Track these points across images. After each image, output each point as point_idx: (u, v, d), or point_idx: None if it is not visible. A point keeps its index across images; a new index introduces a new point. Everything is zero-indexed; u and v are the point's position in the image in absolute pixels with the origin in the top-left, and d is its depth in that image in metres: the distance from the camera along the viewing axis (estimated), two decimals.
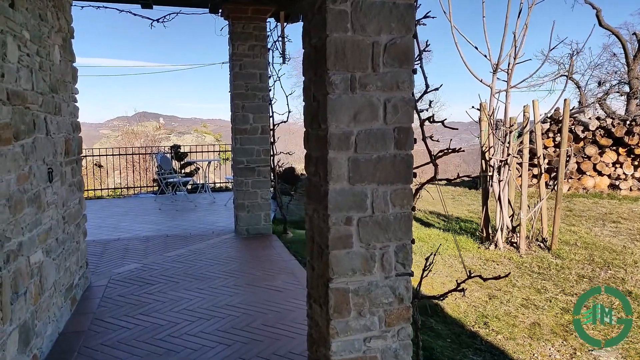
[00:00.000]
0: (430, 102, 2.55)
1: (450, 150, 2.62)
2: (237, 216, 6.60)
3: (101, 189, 12.21)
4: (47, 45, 3.49)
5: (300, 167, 10.12)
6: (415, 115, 2.45)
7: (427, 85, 2.68)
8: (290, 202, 8.27)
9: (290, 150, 8.01)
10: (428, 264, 2.61)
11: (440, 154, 2.53)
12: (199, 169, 13.04)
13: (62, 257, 3.64)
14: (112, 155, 12.45)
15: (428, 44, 2.68)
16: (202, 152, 13.41)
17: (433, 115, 2.42)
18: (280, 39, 7.10)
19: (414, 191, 2.46)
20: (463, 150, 2.61)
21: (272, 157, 6.87)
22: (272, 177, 6.90)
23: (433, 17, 2.43)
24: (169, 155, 11.41)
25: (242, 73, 6.37)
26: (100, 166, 14.45)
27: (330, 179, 2.25)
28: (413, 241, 2.42)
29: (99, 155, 12.81)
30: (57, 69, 3.70)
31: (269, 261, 5.35)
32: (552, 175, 10.22)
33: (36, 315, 2.92)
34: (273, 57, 6.99)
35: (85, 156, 12.28)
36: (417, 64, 2.49)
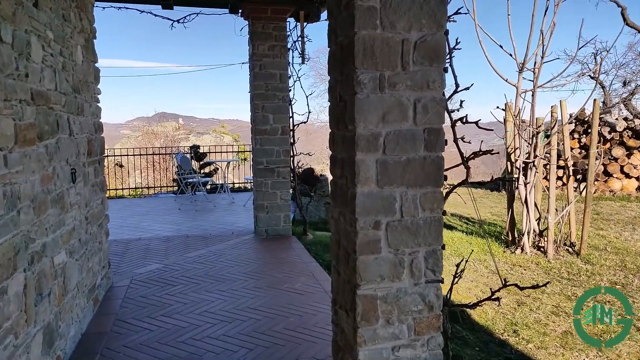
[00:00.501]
0: (462, 102, 2.45)
1: (481, 152, 2.52)
2: (256, 217, 6.57)
3: (122, 189, 12.35)
4: (70, 45, 3.49)
5: (319, 168, 10.04)
6: (446, 116, 2.36)
7: (457, 85, 2.58)
8: (310, 203, 8.21)
9: (308, 150, 7.94)
10: (459, 270, 2.51)
11: (471, 155, 2.43)
12: (218, 169, 13.08)
13: (85, 258, 3.64)
14: (133, 155, 12.58)
15: (458, 41, 2.58)
16: (220, 152, 13.45)
17: (466, 115, 2.32)
18: (299, 38, 7.04)
19: (444, 194, 2.36)
20: (497, 152, 2.50)
21: (292, 158, 6.81)
22: (291, 178, 6.84)
23: (465, 13, 2.33)
24: (188, 156, 11.47)
25: (262, 73, 6.33)
26: (121, 166, 14.62)
27: (358, 181, 2.17)
28: (443, 247, 2.33)
29: (120, 155, 12.96)
30: (79, 69, 3.71)
31: (289, 263, 5.29)
32: (577, 178, 9.93)
33: (60, 317, 2.91)
34: (293, 57, 6.94)
35: (107, 156, 12.41)
36: (447, 62, 2.40)
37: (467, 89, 2.54)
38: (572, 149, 10.40)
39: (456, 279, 2.56)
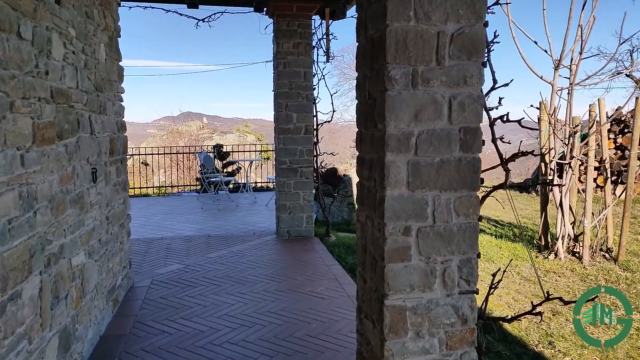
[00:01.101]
0: (500, 99, 2.27)
1: (521, 154, 2.34)
2: (278, 217, 6.47)
3: (147, 187, 12.46)
4: (93, 43, 3.44)
5: (342, 168, 9.90)
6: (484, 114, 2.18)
7: (495, 81, 2.40)
8: (332, 204, 8.07)
9: (331, 150, 7.81)
10: (495, 281, 2.33)
11: (511, 157, 2.25)
12: (240, 168, 13.07)
13: (105, 258, 3.59)
14: (158, 154, 12.69)
15: (497, 34, 2.40)
16: (243, 151, 13.44)
17: (507, 114, 2.15)
18: (324, 36, 6.91)
19: (480, 198, 2.19)
20: (539, 154, 2.31)
21: (315, 158, 6.69)
22: (314, 178, 6.71)
23: (507, 3, 2.16)
24: (211, 155, 11.48)
25: (286, 72, 6.22)
26: (146, 164, 14.79)
27: (388, 184, 2.02)
28: (479, 255, 2.16)
29: (145, 154, 13.09)
30: (102, 68, 3.66)
31: (312, 265, 5.16)
32: (613, 180, 9.49)
33: (77, 319, 2.85)
34: (317, 55, 6.81)
35: (132, 155, 12.57)
36: (485, 57, 2.23)
37: (507, 85, 2.36)
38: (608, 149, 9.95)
39: (492, 290, 2.39)
